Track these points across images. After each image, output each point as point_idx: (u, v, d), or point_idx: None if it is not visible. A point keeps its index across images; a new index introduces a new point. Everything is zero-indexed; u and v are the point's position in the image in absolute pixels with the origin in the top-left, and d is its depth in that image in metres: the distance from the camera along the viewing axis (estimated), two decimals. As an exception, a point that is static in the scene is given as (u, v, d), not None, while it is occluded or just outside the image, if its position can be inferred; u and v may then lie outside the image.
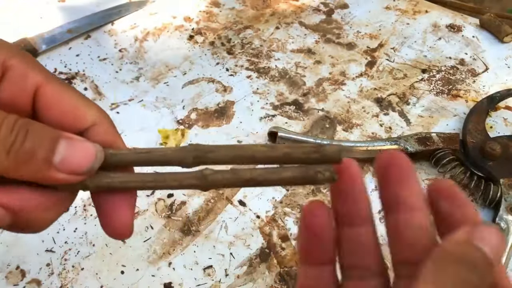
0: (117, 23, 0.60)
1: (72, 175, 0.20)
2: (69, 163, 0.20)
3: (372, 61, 0.55)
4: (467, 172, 0.43)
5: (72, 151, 0.20)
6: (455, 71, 0.54)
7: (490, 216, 0.42)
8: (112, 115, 0.50)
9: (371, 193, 0.23)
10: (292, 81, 0.53)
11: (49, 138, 0.19)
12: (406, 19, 0.60)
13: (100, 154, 0.21)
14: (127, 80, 0.53)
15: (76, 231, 0.42)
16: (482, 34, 0.57)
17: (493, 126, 0.48)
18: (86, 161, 0.20)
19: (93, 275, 0.39)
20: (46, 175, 0.19)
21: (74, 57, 0.56)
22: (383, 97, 0.51)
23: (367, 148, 0.44)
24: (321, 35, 0.58)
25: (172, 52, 0.56)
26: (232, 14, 0.61)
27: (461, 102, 0.51)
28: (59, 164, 0.19)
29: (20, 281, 0.39)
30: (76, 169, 0.20)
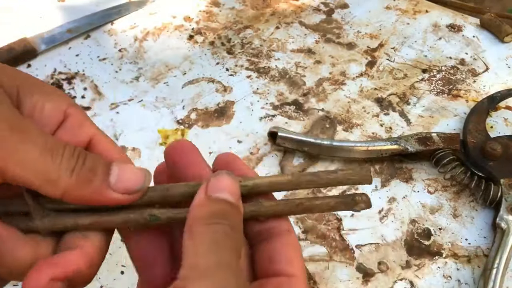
0: (117, 23, 0.60)
1: (125, 195, 0.23)
2: (123, 183, 0.22)
3: (372, 61, 0.55)
4: (468, 172, 0.43)
5: (124, 173, 0.23)
6: (456, 71, 0.54)
7: (491, 216, 0.42)
8: (112, 115, 0.50)
9: (371, 194, 0.23)
10: (292, 81, 0.53)
11: (103, 163, 0.23)
12: (406, 19, 0.60)
13: (148, 176, 0.23)
14: (127, 80, 0.53)
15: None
16: (483, 34, 0.57)
17: (494, 126, 0.48)
18: (137, 180, 0.23)
19: (92, 276, 0.39)
20: (103, 194, 0.22)
21: (74, 57, 0.55)
22: (384, 97, 0.51)
23: (367, 148, 0.44)
24: (321, 35, 0.58)
25: (172, 52, 0.56)
26: (232, 14, 0.61)
27: (461, 102, 0.51)
28: (115, 184, 0.22)
29: (20, 281, 0.38)
30: (129, 188, 0.23)
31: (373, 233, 0.41)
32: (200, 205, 0.22)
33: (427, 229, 0.41)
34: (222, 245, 0.20)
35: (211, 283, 0.19)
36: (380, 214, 0.42)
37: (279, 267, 0.23)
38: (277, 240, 0.24)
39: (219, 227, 0.21)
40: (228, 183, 0.22)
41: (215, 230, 0.21)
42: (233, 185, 0.23)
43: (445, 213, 0.42)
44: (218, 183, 0.22)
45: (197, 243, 0.20)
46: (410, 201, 0.43)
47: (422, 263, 0.39)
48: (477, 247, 0.40)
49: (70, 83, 0.53)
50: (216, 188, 0.22)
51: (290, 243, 0.24)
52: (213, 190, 0.22)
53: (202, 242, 0.20)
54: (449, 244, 0.40)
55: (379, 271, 0.39)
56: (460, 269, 0.39)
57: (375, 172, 0.45)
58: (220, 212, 0.21)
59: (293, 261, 0.24)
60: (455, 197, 0.43)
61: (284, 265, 0.23)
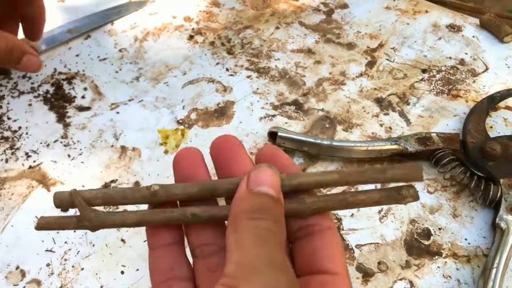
0: (117, 23, 0.60)
1: None
2: None
3: (372, 61, 0.55)
4: (467, 172, 0.43)
5: None
6: (455, 71, 0.54)
7: (490, 216, 0.42)
8: (112, 115, 0.50)
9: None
10: (292, 81, 0.53)
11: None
12: (406, 19, 0.60)
13: None
14: (127, 80, 0.53)
15: (76, 231, 0.42)
16: (482, 34, 0.57)
17: (493, 126, 0.48)
18: None
19: (93, 275, 0.39)
20: None
21: (74, 57, 0.56)
22: (383, 97, 0.51)
23: (367, 148, 0.44)
24: (321, 35, 0.58)
25: (172, 52, 0.56)
26: (232, 14, 0.61)
27: (461, 102, 0.51)
28: None
29: (20, 281, 0.39)
30: None
31: (373, 233, 0.41)
32: (242, 199, 0.22)
33: (426, 229, 0.41)
34: (267, 240, 0.20)
35: (263, 281, 0.18)
36: (379, 214, 0.42)
37: (322, 264, 0.23)
38: (319, 238, 0.24)
39: (262, 222, 0.21)
40: (269, 176, 0.22)
41: (258, 225, 0.20)
42: (274, 178, 0.22)
43: (444, 213, 0.42)
44: (259, 176, 0.22)
45: (242, 238, 0.20)
46: (409, 201, 0.43)
47: (422, 263, 0.39)
48: (477, 247, 0.40)
49: (70, 83, 0.53)
50: (257, 181, 0.22)
51: (333, 241, 0.24)
52: (254, 183, 0.22)
53: (247, 237, 0.20)
54: (448, 244, 0.40)
55: (379, 271, 0.39)
56: (459, 269, 0.39)
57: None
58: (262, 207, 0.21)
59: (336, 259, 0.23)
60: (455, 197, 0.43)
61: (327, 262, 0.23)
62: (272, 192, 0.22)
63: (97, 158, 0.47)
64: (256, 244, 0.20)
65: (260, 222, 0.20)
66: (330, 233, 0.24)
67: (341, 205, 0.24)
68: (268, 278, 0.18)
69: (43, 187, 0.44)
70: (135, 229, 0.42)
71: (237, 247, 0.20)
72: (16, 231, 0.42)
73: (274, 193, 0.22)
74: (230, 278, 0.19)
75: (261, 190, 0.22)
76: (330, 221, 0.24)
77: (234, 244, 0.20)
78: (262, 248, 0.20)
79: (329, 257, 0.23)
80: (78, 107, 0.51)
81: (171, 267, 0.24)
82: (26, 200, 0.43)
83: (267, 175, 0.22)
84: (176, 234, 0.25)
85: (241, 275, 0.19)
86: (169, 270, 0.24)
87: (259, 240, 0.20)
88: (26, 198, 0.44)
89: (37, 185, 0.44)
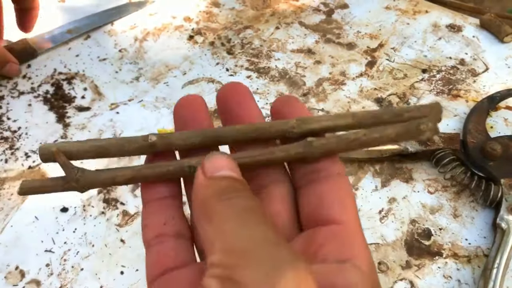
0: (117, 23, 0.60)
1: None
2: None
3: (372, 61, 0.55)
4: (468, 172, 0.43)
5: None
6: (456, 71, 0.53)
7: (491, 217, 0.42)
8: (112, 115, 0.50)
9: (371, 194, 0.23)
10: (292, 81, 0.53)
11: None
12: (406, 19, 0.60)
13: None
14: (127, 80, 0.53)
15: (75, 232, 0.41)
16: (482, 34, 0.57)
17: (494, 126, 0.48)
18: None
19: (92, 276, 0.39)
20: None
21: (74, 58, 0.55)
22: (383, 97, 0.51)
23: (367, 148, 0.44)
24: (321, 35, 0.58)
25: (172, 52, 0.56)
26: (232, 14, 0.61)
27: (461, 102, 0.50)
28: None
29: (19, 282, 0.38)
30: None
31: (373, 233, 0.41)
32: (204, 186, 0.19)
33: (427, 229, 0.41)
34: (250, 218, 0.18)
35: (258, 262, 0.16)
36: (380, 214, 0.42)
37: (330, 212, 0.21)
38: (326, 184, 0.21)
39: (236, 200, 0.18)
40: (225, 161, 0.20)
41: (234, 204, 0.18)
42: (230, 162, 0.20)
43: (445, 213, 0.42)
44: (214, 162, 0.20)
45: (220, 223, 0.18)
46: (410, 201, 0.43)
47: (422, 263, 0.39)
48: (477, 247, 0.40)
49: (70, 84, 0.53)
50: (214, 168, 0.20)
51: (342, 187, 0.21)
52: (211, 170, 0.20)
53: (225, 220, 0.18)
54: (449, 244, 0.40)
55: (379, 271, 0.39)
56: (460, 269, 0.39)
57: (375, 172, 0.45)
58: (229, 187, 0.19)
59: (346, 206, 0.21)
60: (455, 197, 0.43)
61: (334, 210, 0.21)
62: (233, 174, 0.20)
63: (97, 159, 0.46)
64: (238, 225, 0.17)
65: (234, 200, 0.18)
66: (339, 179, 0.21)
67: (354, 145, 0.21)
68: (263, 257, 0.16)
69: (43, 187, 0.44)
70: (134, 229, 0.42)
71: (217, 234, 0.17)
72: (15, 231, 0.41)
73: (236, 175, 0.20)
74: (220, 268, 0.16)
75: (221, 174, 0.19)
76: (339, 166, 0.22)
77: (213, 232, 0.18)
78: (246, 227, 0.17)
79: (337, 204, 0.21)
80: (78, 107, 0.51)
81: (164, 221, 0.23)
82: (26, 200, 0.43)
83: (223, 160, 0.20)
84: (172, 187, 0.23)
85: (232, 262, 0.16)
86: (161, 225, 0.23)
87: (240, 220, 0.17)
88: (25, 198, 0.43)
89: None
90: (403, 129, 0.21)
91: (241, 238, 0.17)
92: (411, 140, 0.22)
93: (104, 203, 0.43)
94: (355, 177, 0.44)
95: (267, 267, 0.16)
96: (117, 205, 0.43)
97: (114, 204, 0.43)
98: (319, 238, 0.20)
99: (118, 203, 0.43)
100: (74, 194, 0.44)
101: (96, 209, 0.43)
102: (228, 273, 0.16)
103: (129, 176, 0.22)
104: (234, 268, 0.16)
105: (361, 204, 0.43)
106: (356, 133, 0.22)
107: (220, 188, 0.19)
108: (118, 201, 0.43)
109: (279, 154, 0.22)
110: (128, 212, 0.42)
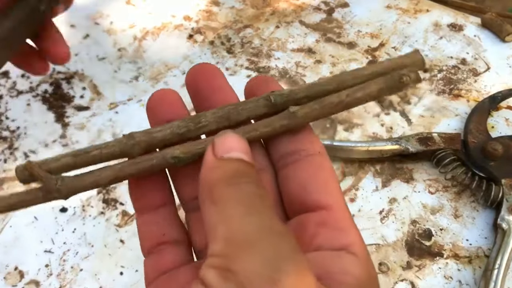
0: (116, 22, 0.59)
1: None
2: None
3: (373, 61, 0.55)
4: (469, 173, 0.43)
5: None
6: (457, 71, 0.53)
7: (492, 217, 0.41)
8: (111, 115, 0.50)
9: (371, 194, 0.22)
10: (292, 81, 0.53)
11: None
12: (407, 18, 0.59)
13: None
14: (126, 79, 0.53)
15: (75, 232, 0.41)
16: (484, 33, 0.57)
17: (495, 126, 0.48)
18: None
19: (92, 276, 0.39)
20: None
21: (73, 56, 0.55)
22: (384, 97, 0.51)
23: (368, 148, 0.44)
24: (321, 34, 0.58)
25: (171, 51, 0.56)
26: (232, 13, 0.61)
27: (462, 101, 0.50)
28: None
29: (18, 282, 0.38)
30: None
31: (374, 233, 0.41)
32: (212, 168, 0.19)
33: (428, 230, 0.41)
34: (256, 206, 0.17)
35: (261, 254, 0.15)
36: (380, 214, 0.42)
37: (315, 197, 0.20)
38: (307, 165, 0.21)
39: (245, 186, 0.18)
40: (237, 142, 0.19)
41: (241, 189, 0.17)
42: (242, 143, 0.19)
43: (446, 214, 0.42)
44: (225, 142, 0.19)
45: (226, 207, 0.17)
46: (410, 201, 0.43)
47: (423, 263, 0.39)
48: (478, 247, 0.40)
49: (69, 83, 0.53)
50: (224, 148, 0.19)
51: (324, 167, 0.21)
52: (222, 151, 0.19)
53: (232, 205, 0.17)
54: (450, 244, 0.40)
55: (380, 272, 0.39)
56: (461, 269, 0.39)
57: (375, 172, 0.45)
58: (238, 171, 0.18)
59: (329, 188, 0.20)
60: (456, 197, 0.43)
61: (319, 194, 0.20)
62: (245, 157, 0.19)
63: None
64: (245, 212, 0.17)
65: (243, 186, 0.17)
66: (320, 158, 0.21)
67: (339, 108, 0.21)
68: (266, 249, 0.16)
69: (42, 187, 0.44)
70: (134, 229, 0.41)
71: (222, 220, 0.17)
72: (14, 232, 0.41)
73: (248, 158, 0.19)
74: (220, 258, 0.16)
75: (232, 156, 0.19)
76: (318, 144, 0.21)
77: (217, 217, 0.17)
78: (253, 215, 0.17)
79: (321, 187, 0.20)
80: (76, 107, 0.50)
81: (163, 232, 0.22)
82: (25, 200, 0.43)
83: (235, 140, 0.19)
84: (164, 193, 0.23)
85: (233, 253, 0.16)
86: (160, 235, 0.22)
87: (247, 207, 0.17)
88: (24, 198, 0.43)
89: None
90: (385, 84, 0.21)
91: (245, 226, 0.16)
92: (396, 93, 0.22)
93: (103, 203, 0.43)
94: (356, 177, 0.44)
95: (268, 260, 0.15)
96: (117, 205, 0.43)
97: (113, 204, 0.43)
98: (311, 227, 0.20)
99: (117, 203, 0.43)
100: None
101: (95, 209, 0.43)
102: (228, 263, 0.15)
103: (112, 177, 0.21)
104: (234, 258, 0.16)
105: (362, 204, 0.42)
106: (339, 96, 0.21)
107: (230, 172, 0.18)
108: (118, 201, 0.43)
109: (263, 129, 0.22)
110: (128, 212, 0.42)
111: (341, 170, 0.45)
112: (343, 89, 0.22)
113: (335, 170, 0.45)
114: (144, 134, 0.22)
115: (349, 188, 0.43)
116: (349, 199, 0.43)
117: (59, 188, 0.21)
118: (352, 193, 0.43)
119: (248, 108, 0.23)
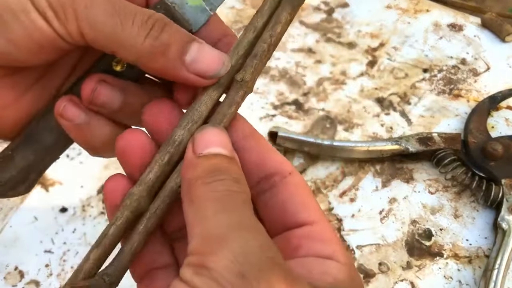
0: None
1: (198, 78, 0.21)
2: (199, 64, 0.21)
3: (373, 61, 0.55)
4: (469, 173, 0.43)
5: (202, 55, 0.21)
6: (457, 71, 0.53)
7: (492, 217, 0.41)
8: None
9: (372, 194, 0.22)
10: (293, 81, 0.53)
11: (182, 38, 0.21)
12: (407, 18, 0.59)
13: (227, 62, 0.22)
14: (127, 79, 0.53)
15: (74, 232, 0.41)
16: (484, 33, 0.57)
17: (495, 126, 0.48)
18: (214, 66, 0.21)
19: (92, 276, 0.39)
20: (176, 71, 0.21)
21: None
22: (384, 97, 0.51)
23: (368, 148, 0.44)
24: (321, 34, 0.58)
25: (171, 52, 0.56)
26: (232, 13, 0.61)
27: (462, 102, 0.50)
28: (190, 63, 0.21)
29: (18, 282, 0.38)
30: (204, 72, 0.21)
31: (374, 233, 0.41)
32: (191, 166, 0.19)
33: (428, 230, 0.41)
34: (230, 203, 0.18)
35: (231, 251, 0.16)
36: (380, 214, 0.42)
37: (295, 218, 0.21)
38: (283, 188, 0.21)
39: (219, 183, 0.18)
40: (215, 136, 0.20)
41: (216, 188, 0.18)
42: (221, 136, 0.20)
43: (446, 214, 0.42)
44: (204, 137, 0.20)
45: (200, 208, 0.18)
46: (411, 201, 0.43)
47: (423, 263, 0.39)
48: (478, 247, 0.40)
49: (70, 83, 0.53)
50: (203, 144, 0.19)
51: (299, 187, 0.21)
52: (201, 147, 0.19)
53: (206, 204, 0.18)
54: (450, 244, 0.40)
55: (380, 272, 0.39)
56: (461, 269, 0.39)
57: (375, 172, 0.45)
58: (215, 168, 0.19)
59: (308, 206, 0.21)
60: (456, 197, 0.43)
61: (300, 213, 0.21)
62: (223, 151, 0.19)
63: (96, 158, 0.46)
64: (218, 210, 0.17)
65: (217, 184, 0.18)
66: (293, 179, 0.21)
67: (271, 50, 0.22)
68: (236, 245, 0.16)
69: (42, 187, 0.44)
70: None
71: (198, 219, 0.18)
72: (14, 232, 0.41)
73: (226, 152, 0.19)
74: (196, 256, 0.17)
75: (210, 151, 0.19)
76: (287, 164, 0.22)
77: (194, 216, 0.18)
78: (225, 213, 0.17)
79: (300, 207, 0.21)
80: (77, 107, 0.50)
81: (153, 259, 0.23)
82: (25, 200, 0.43)
83: (213, 134, 0.20)
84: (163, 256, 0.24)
85: (207, 250, 0.16)
86: (151, 263, 0.23)
87: (221, 205, 0.18)
88: (24, 198, 0.43)
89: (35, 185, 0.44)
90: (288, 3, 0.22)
91: (218, 224, 0.17)
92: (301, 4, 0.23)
93: (103, 203, 0.43)
94: (356, 177, 0.44)
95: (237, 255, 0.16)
96: (117, 205, 0.43)
97: (113, 204, 0.43)
98: (294, 240, 0.20)
99: (117, 203, 0.43)
100: (73, 194, 0.44)
101: (95, 209, 0.43)
102: (203, 260, 0.16)
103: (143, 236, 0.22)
104: (209, 255, 0.16)
105: (362, 204, 0.42)
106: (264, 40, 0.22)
107: (206, 170, 0.19)
108: (118, 201, 0.43)
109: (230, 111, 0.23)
110: (128, 212, 0.42)
111: (341, 170, 0.45)
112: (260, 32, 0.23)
113: (335, 170, 0.45)
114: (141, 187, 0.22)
115: (349, 188, 0.43)
116: (349, 199, 0.43)
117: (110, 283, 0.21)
118: (352, 193, 0.43)
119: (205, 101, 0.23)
